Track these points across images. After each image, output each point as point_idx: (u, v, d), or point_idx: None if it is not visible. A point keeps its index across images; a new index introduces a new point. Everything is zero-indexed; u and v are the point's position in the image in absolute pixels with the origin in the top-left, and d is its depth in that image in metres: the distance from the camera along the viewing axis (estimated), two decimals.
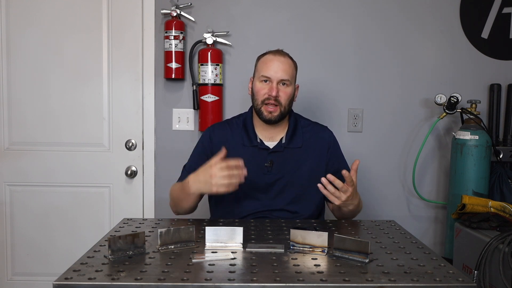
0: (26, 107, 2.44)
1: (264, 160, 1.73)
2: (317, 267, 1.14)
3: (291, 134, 1.78)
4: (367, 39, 2.44)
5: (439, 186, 2.48)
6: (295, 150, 1.77)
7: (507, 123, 2.39)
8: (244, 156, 1.72)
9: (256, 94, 1.73)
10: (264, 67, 1.72)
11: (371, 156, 2.47)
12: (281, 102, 1.70)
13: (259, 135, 1.78)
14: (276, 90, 1.68)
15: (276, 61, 1.71)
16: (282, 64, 1.70)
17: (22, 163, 2.46)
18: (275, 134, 1.78)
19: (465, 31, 2.42)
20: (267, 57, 1.74)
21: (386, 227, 1.56)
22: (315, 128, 1.85)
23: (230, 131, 1.80)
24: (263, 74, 1.71)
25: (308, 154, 1.78)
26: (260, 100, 1.72)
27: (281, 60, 1.72)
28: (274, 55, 1.73)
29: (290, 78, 1.71)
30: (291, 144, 1.77)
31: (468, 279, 1.09)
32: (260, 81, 1.72)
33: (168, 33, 2.33)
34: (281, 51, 1.77)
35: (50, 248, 2.48)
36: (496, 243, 1.64)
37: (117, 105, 2.45)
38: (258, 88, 1.73)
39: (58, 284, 1.03)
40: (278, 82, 1.70)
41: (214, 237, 1.29)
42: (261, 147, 1.75)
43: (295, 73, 1.78)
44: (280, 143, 1.76)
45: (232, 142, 1.77)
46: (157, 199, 2.47)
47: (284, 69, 1.70)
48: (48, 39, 2.42)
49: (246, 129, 1.79)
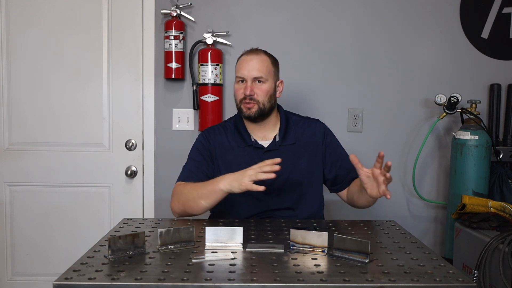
0: (26, 107, 2.45)
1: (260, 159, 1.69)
2: (317, 267, 1.14)
3: (283, 132, 1.79)
4: (367, 39, 2.44)
5: (439, 186, 2.48)
6: (290, 147, 1.78)
7: (507, 123, 2.39)
8: (240, 157, 1.76)
9: (235, 95, 1.78)
10: (239, 68, 1.76)
11: (371, 156, 2.43)
12: (258, 99, 1.72)
13: (253, 135, 1.79)
14: (250, 89, 1.71)
15: (249, 60, 1.74)
16: (254, 63, 1.73)
17: (22, 163, 2.46)
18: (267, 133, 1.80)
19: (465, 31, 2.42)
20: (242, 58, 1.78)
21: (386, 227, 1.56)
22: (306, 123, 1.86)
23: (224, 134, 1.82)
24: (238, 75, 1.76)
25: (303, 149, 1.79)
26: (239, 99, 1.76)
27: (254, 58, 1.74)
28: (247, 55, 1.77)
29: (264, 74, 1.73)
30: (285, 141, 1.78)
31: (468, 279, 1.09)
32: (237, 82, 1.77)
33: (168, 33, 2.33)
34: (256, 49, 1.79)
35: (50, 248, 2.48)
36: (496, 243, 1.65)
37: (117, 105, 2.45)
38: (236, 88, 1.77)
39: (58, 284, 1.03)
40: (253, 80, 1.72)
41: (214, 237, 1.29)
42: (256, 146, 1.77)
43: (273, 68, 1.78)
44: (274, 141, 1.77)
45: (228, 144, 1.79)
46: (157, 199, 2.47)
47: (256, 67, 1.73)
48: (48, 39, 2.42)
49: (238, 130, 1.80)
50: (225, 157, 1.78)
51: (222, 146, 1.79)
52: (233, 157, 1.77)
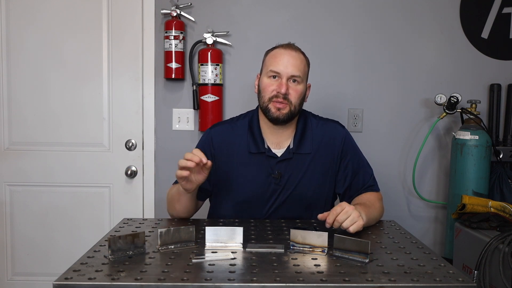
0: (26, 107, 2.45)
1: (271, 169, 1.60)
2: (317, 267, 1.14)
3: (299, 138, 1.63)
4: (367, 39, 2.43)
5: (439, 186, 2.48)
6: (305, 156, 1.62)
7: (507, 123, 2.39)
8: (249, 164, 1.61)
9: (263, 91, 1.58)
10: (273, 62, 1.56)
11: (371, 156, 2.45)
12: (291, 100, 1.55)
13: (266, 141, 1.63)
14: (285, 87, 1.54)
15: (286, 55, 1.56)
16: (293, 59, 1.56)
17: (22, 163, 2.46)
18: (283, 140, 1.64)
19: (465, 31, 2.42)
20: (277, 51, 1.59)
21: (386, 227, 1.56)
22: (325, 127, 1.68)
23: (233, 134, 1.65)
24: (272, 69, 1.56)
25: (318, 161, 1.63)
26: (268, 97, 1.56)
27: (292, 54, 1.57)
28: (285, 49, 1.58)
29: (301, 74, 1.57)
30: (300, 150, 1.62)
31: (468, 279, 1.09)
32: (268, 76, 1.57)
33: (168, 33, 2.33)
34: (293, 45, 1.62)
35: (50, 248, 2.48)
36: (496, 243, 1.64)
37: (117, 105, 2.45)
38: (265, 84, 1.57)
39: (58, 284, 1.03)
40: (288, 78, 1.55)
41: (214, 237, 1.29)
42: (269, 155, 1.61)
43: (307, 70, 1.63)
44: (288, 150, 1.62)
45: (236, 147, 1.63)
46: (157, 199, 2.47)
47: (295, 64, 1.55)
48: (48, 39, 2.42)
49: (252, 133, 1.63)
50: (227, 160, 1.63)
51: (226, 148, 1.64)
52: (239, 162, 1.62)
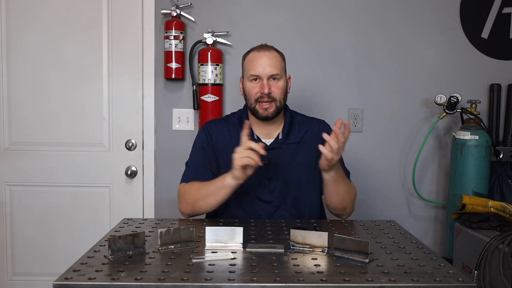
0: (26, 107, 2.45)
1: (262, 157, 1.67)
2: (317, 267, 1.14)
3: (287, 130, 1.76)
4: (367, 39, 2.44)
5: (439, 186, 2.48)
6: (292, 146, 1.75)
7: (507, 123, 2.39)
8: None
9: (248, 94, 1.71)
10: (251, 66, 1.68)
11: (371, 156, 2.47)
12: (275, 97, 1.68)
13: (256, 132, 1.76)
14: (268, 87, 1.66)
15: (262, 57, 1.67)
16: (269, 59, 1.67)
17: (22, 163, 2.46)
18: (272, 131, 1.76)
19: (465, 31, 2.42)
20: (253, 55, 1.70)
21: (386, 227, 1.56)
22: (311, 122, 1.82)
23: (227, 128, 1.78)
24: (252, 73, 1.68)
25: (306, 149, 1.76)
26: (254, 99, 1.69)
27: (267, 55, 1.68)
28: (259, 52, 1.70)
29: (279, 71, 1.68)
30: (288, 140, 1.75)
31: (468, 279, 1.09)
32: (249, 80, 1.69)
33: (168, 33, 2.33)
34: (265, 45, 1.73)
35: (50, 248, 2.48)
36: (496, 243, 1.64)
37: (117, 105, 2.45)
38: (249, 87, 1.70)
39: (58, 284, 1.03)
40: (268, 78, 1.67)
41: (214, 237, 1.29)
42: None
43: (284, 64, 1.74)
44: (277, 139, 1.75)
45: (230, 139, 1.75)
46: (157, 199, 2.47)
47: (271, 64, 1.67)
48: (48, 39, 2.42)
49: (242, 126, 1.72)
50: (226, 153, 1.71)
51: (223, 141, 1.75)
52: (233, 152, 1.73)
